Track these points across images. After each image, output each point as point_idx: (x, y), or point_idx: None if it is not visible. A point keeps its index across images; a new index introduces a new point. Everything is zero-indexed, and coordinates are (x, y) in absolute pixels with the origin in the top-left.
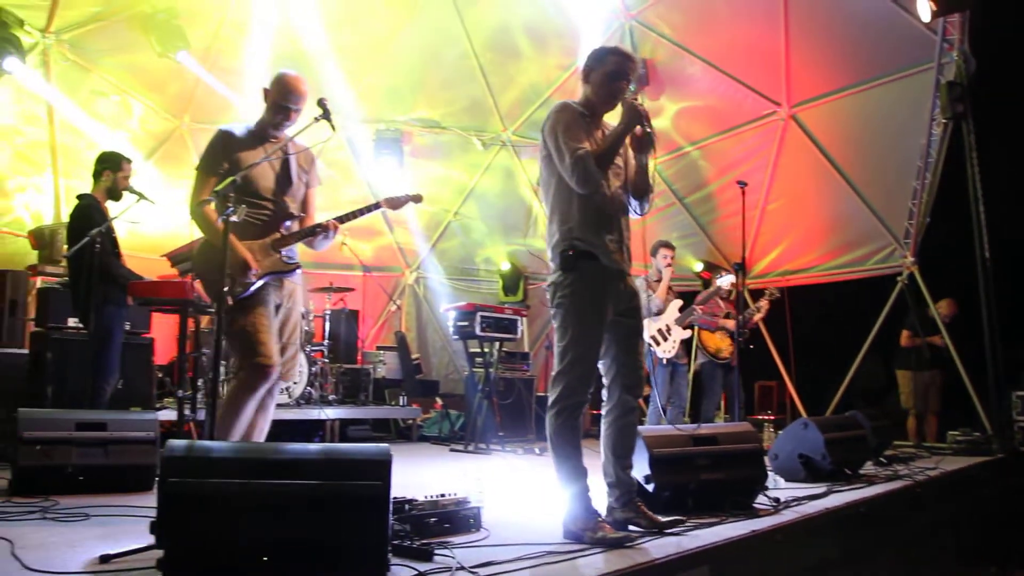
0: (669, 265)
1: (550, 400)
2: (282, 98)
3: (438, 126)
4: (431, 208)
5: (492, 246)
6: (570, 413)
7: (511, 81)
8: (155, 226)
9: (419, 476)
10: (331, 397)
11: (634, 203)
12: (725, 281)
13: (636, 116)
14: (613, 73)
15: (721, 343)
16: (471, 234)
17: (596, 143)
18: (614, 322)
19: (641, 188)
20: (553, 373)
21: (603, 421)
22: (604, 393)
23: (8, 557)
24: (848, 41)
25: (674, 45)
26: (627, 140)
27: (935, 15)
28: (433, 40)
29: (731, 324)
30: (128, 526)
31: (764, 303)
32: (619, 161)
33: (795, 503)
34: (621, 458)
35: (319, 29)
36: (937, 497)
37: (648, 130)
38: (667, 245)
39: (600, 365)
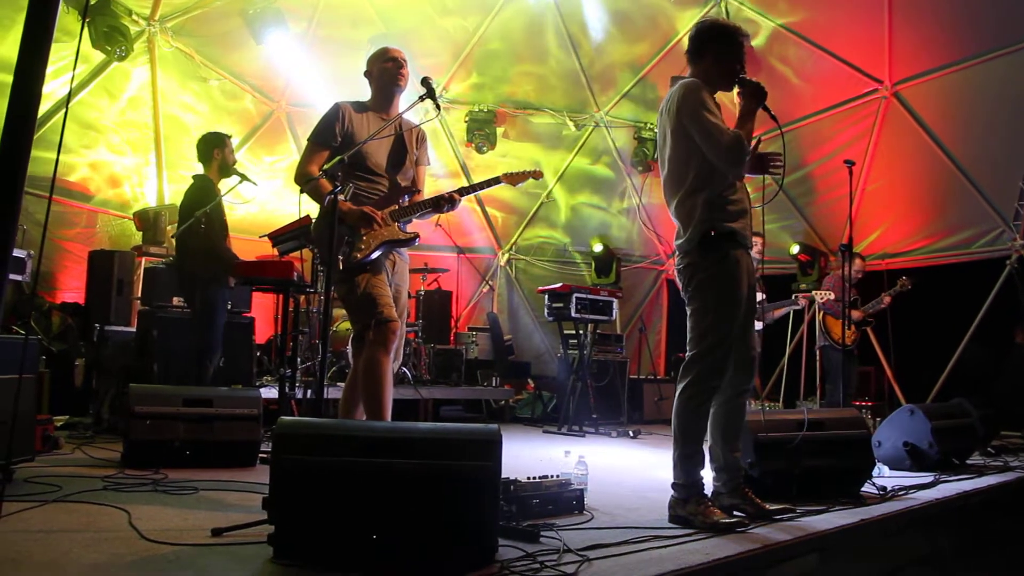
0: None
1: (684, 382)
2: (383, 58)
3: (531, 107)
4: (524, 189)
5: (584, 227)
6: (703, 397)
7: (604, 62)
8: (252, 207)
9: (515, 457)
10: (424, 377)
11: None
12: (818, 297)
13: (762, 95)
14: (740, 56)
15: (845, 330)
16: (563, 215)
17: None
18: None
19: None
20: (689, 354)
21: (714, 402)
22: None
23: (127, 527)
24: (955, 15)
25: (771, 22)
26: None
27: None
28: (526, 21)
29: (857, 314)
30: (235, 501)
31: (887, 299)
32: None
33: (903, 492)
34: (730, 440)
35: (413, 9)
36: None
37: (771, 112)
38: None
39: None
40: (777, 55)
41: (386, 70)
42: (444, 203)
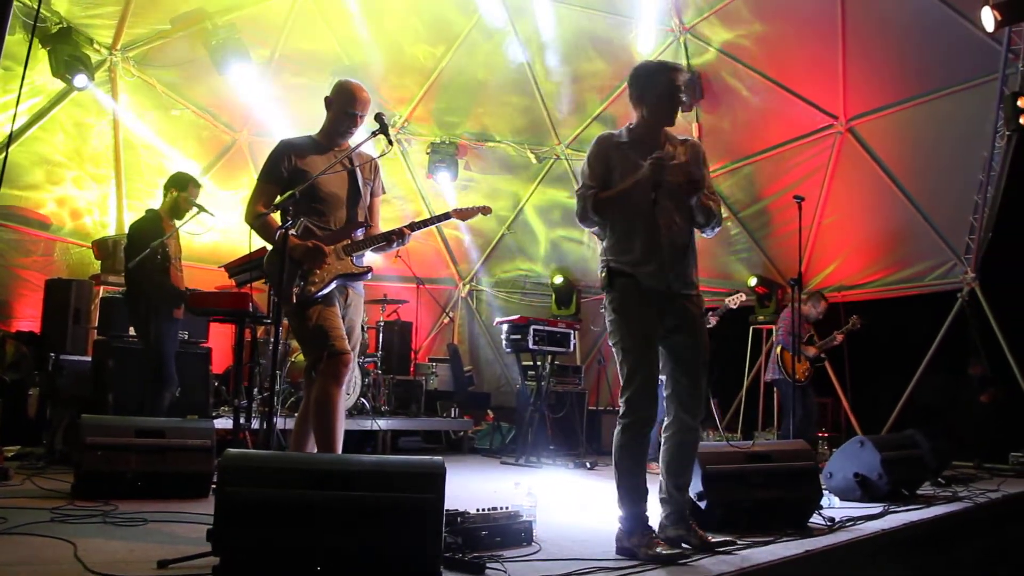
0: None
1: (619, 415)
2: (348, 105)
3: (493, 140)
4: (484, 221)
5: (545, 260)
6: (635, 430)
7: (566, 96)
8: (213, 237)
9: (470, 488)
10: (383, 408)
11: (704, 231)
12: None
13: (656, 174)
14: (668, 93)
15: (799, 367)
16: (524, 247)
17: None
18: (666, 339)
19: (699, 222)
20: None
21: (662, 437)
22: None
23: (72, 559)
24: (908, 53)
25: (729, 58)
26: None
27: (999, 25)
28: (487, 53)
29: (812, 351)
30: (185, 532)
31: (839, 336)
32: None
33: (850, 523)
34: (674, 476)
35: (376, 42)
36: (999, 520)
37: (693, 179)
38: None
39: (661, 380)
40: (734, 90)
41: (344, 120)
42: (395, 238)
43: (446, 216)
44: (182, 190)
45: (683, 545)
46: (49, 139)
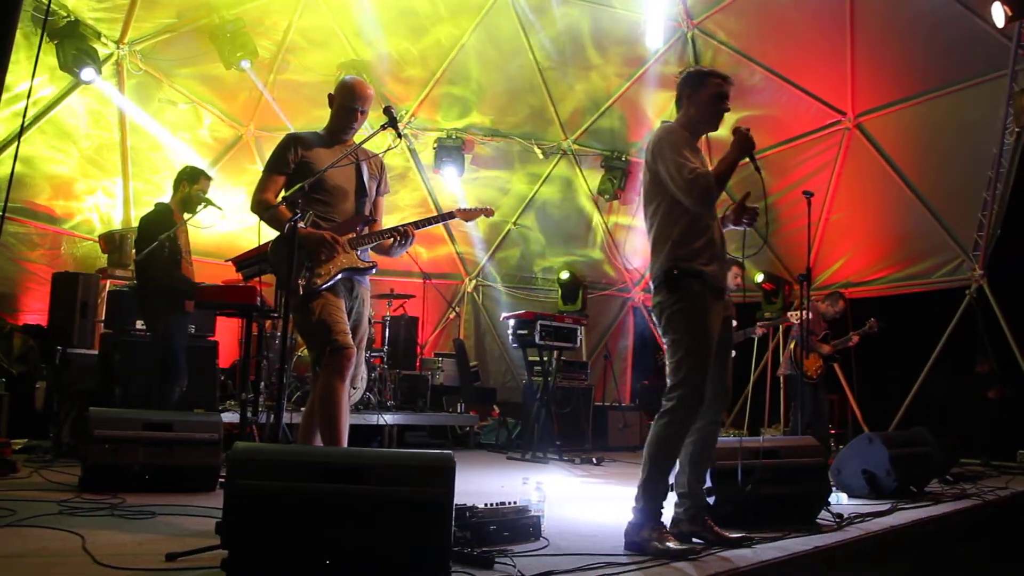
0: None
1: (663, 409)
2: (348, 101)
3: (499, 135)
4: (491, 216)
5: (551, 255)
6: (679, 426)
7: (572, 90)
8: (220, 230)
9: (476, 483)
10: (389, 403)
11: None
12: (795, 315)
13: (748, 146)
14: (718, 95)
15: (812, 364)
16: (530, 243)
17: (703, 164)
18: None
19: None
20: (668, 385)
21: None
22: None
23: (80, 552)
24: (917, 48)
25: (737, 53)
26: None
27: (1010, 20)
28: (495, 49)
29: (826, 349)
30: (192, 526)
31: (855, 337)
32: None
33: (859, 520)
34: (697, 470)
35: (382, 38)
36: (1007, 517)
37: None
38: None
39: None
40: (741, 85)
41: (346, 115)
42: (399, 236)
43: (450, 215)
44: (193, 183)
45: (696, 540)
46: (56, 133)
